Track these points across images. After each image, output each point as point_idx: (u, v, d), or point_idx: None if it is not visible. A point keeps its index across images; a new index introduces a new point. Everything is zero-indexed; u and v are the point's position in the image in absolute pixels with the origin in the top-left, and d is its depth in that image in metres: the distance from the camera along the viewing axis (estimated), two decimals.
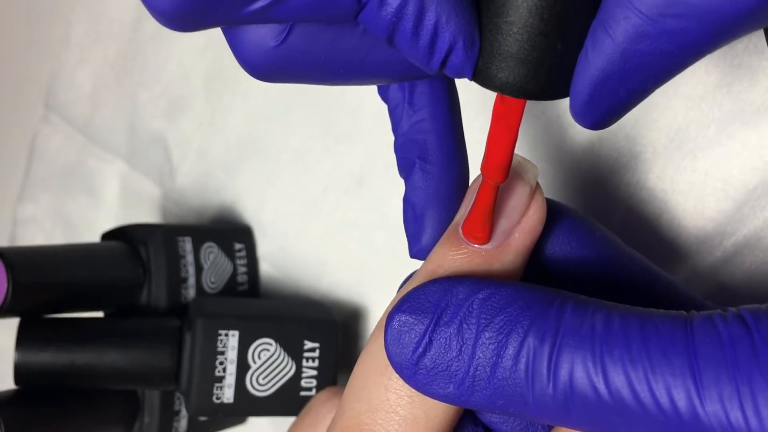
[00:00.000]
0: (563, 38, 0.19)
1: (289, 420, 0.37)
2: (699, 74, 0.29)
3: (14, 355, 0.34)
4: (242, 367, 0.35)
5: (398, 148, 0.25)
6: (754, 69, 0.28)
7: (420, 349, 0.20)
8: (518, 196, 0.22)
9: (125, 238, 0.39)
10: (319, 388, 0.36)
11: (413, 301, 0.21)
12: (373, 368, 0.22)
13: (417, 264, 0.38)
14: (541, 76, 0.19)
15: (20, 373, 0.34)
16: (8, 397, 0.35)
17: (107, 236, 0.40)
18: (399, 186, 0.38)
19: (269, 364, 0.36)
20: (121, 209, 0.50)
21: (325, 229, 0.40)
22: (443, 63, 0.20)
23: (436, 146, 0.25)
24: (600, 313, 0.19)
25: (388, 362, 0.22)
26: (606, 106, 0.19)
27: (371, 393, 0.22)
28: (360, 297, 0.39)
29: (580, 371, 0.19)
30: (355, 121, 0.39)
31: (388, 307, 0.23)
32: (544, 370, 0.19)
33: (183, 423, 0.39)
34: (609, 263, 0.23)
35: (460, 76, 0.20)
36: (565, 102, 0.32)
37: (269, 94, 0.42)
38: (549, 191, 0.32)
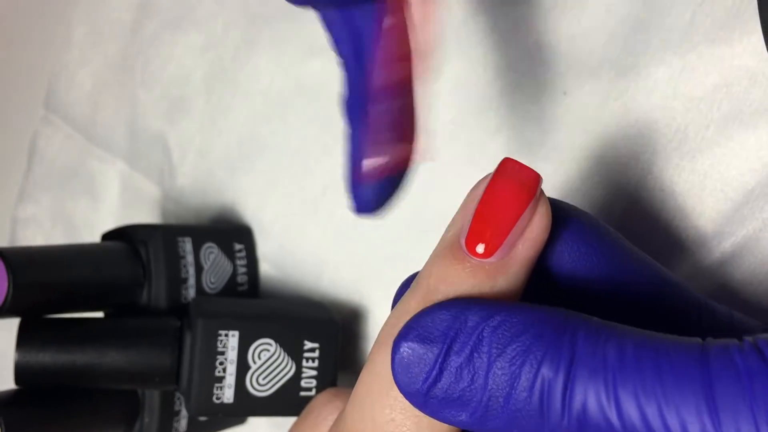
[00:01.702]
0: None
1: (289, 420, 0.38)
2: (698, 75, 0.29)
3: (15, 355, 0.34)
4: (242, 367, 0.35)
5: (345, 103, 0.26)
6: (753, 70, 0.28)
7: (430, 379, 0.20)
8: (520, 205, 0.21)
9: (125, 238, 0.39)
10: (319, 388, 0.36)
11: (421, 328, 0.20)
12: (377, 387, 0.21)
13: (416, 264, 0.38)
14: None
15: (21, 373, 0.34)
16: (9, 397, 0.35)
17: (107, 236, 0.40)
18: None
19: (269, 364, 0.36)
20: (121, 209, 0.50)
21: (325, 229, 0.40)
22: None
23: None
24: (612, 341, 0.19)
25: (393, 382, 0.21)
26: None
27: (375, 412, 0.21)
28: (360, 297, 0.39)
29: (593, 403, 0.18)
30: None
31: (388, 324, 0.22)
32: (558, 402, 0.19)
33: (183, 423, 0.39)
34: (617, 268, 0.22)
35: None
36: (565, 101, 0.32)
37: (269, 95, 0.42)
38: (549, 191, 0.32)
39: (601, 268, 0.22)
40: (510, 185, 0.21)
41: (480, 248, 0.21)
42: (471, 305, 0.20)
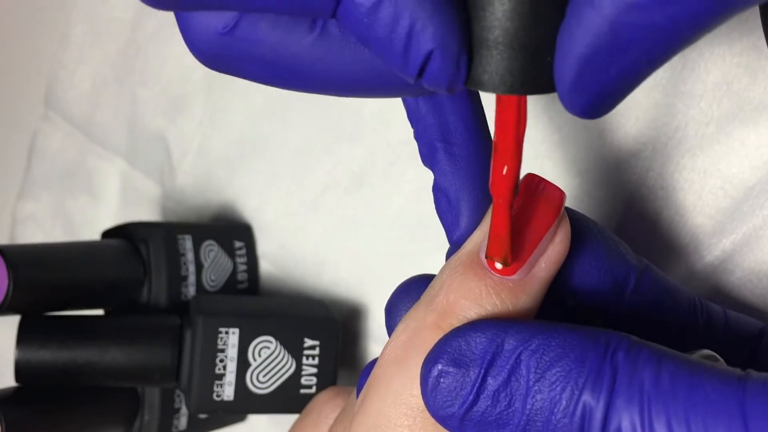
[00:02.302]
0: (551, 21, 0.17)
1: (289, 418, 0.38)
2: (698, 73, 0.29)
3: (15, 353, 0.34)
4: (242, 364, 0.35)
5: (419, 136, 0.24)
6: (753, 68, 0.28)
7: (467, 404, 0.19)
8: (544, 223, 0.21)
9: (126, 236, 0.39)
10: (319, 386, 0.36)
11: (455, 351, 0.20)
12: (400, 408, 0.21)
13: (416, 263, 0.38)
14: (539, 67, 0.18)
15: (21, 370, 0.34)
16: (9, 395, 0.35)
17: (107, 234, 0.40)
18: (399, 185, 0.38)
19: (269, 361, 0.36)
20: (121, 208, 0.50)
21: (325, 228, 0.40)
22: (421, 71, 0.18)
23: (460, 126, 0.23)
24: (650, 366, 0.18)
25: (418, 403, 0.20)
26: (595, 89, 0.17)
27: (380, 423, 0.21)
28: (360, 295, 0.39)
29: (628, 429, 0.18)
30: (355, 121, 0.39)
31: (400, 340, 0.21)
32: (598, 429, 0.18)
33: (183, 420, 0.39)
34: (614, 276, 0.22)
35: (443, 87, 0.19)
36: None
37: (269, 93, 0.42)
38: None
39: (607, 279, 0.22)
40: (535, 202, 0.21)
41: (502, 265, 0.20)
42: (507, 327, 0.20)
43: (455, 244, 0.23)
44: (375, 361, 0.23)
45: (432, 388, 0.20)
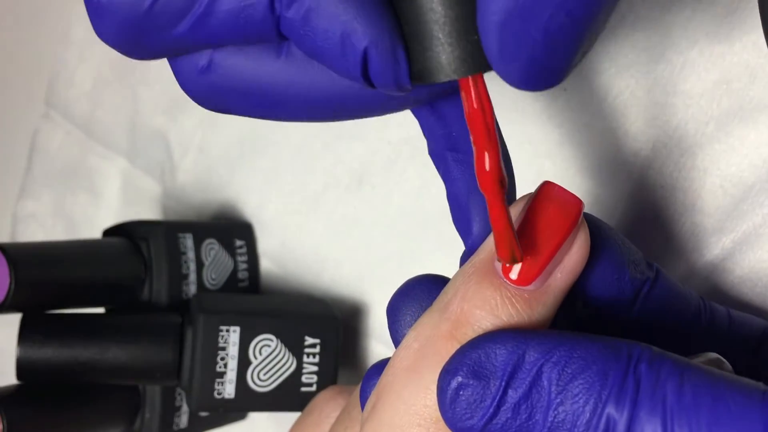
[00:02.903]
0: (463, 4, 0.18)
1: (290, 416, 0.38)
2: (698, 72, 0.29)
3: (16, 351, 0.34)
4: (243, 362, 0.35)
5: (431, 150, 0.24)
6: (752, 67, 0.28)
7: (487, 417, 0.19)
8: (561, 233, 0.21)
9: (126, 234, 0.39)
10: (320, 383, 0.36)
11: (474, 363, 0.19)
12: (412, 419, 0.20)
13: (416, 262, 0.38)
14: (471, 45, 0.18)
15: (22, 368, 0.34)
16: (10, 393, 0.35)
17: (108, 233, 0.40)
18: (400, 183, 0.38)
19: (270, 359, 0.36)
20: (121, 206, 0.50)
21: (326, 226, 0.40)
22: (364, 71, 0.19)
23: (464, 133, 0.23)
24: (672, 380, 0.18)
25: (430, 414, 0.20)
26: (524, 56, 0.17)
27: (393, 425, 0.20)
28: (360, 293, 0.39)
29: None
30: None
31: (411, 348, 0.21)
32: None
33: (184, 418, 0.39)
34: (619, 280, 0.22)
35: (392, 84, 0.19)
36: (566, 97, 0.32)
37: None
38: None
39: (624, 288, 0.22)
40: (553, 211, 0.21)
41: (517, 274, 0.20)
42: (528, 339, 0.19)
43: (470, 250, 0.23)
44: (380, 363, 0.23)
45: (451, 401, 0.19)
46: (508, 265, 0.20)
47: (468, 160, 0.23)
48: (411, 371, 0.21)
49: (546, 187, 0.21)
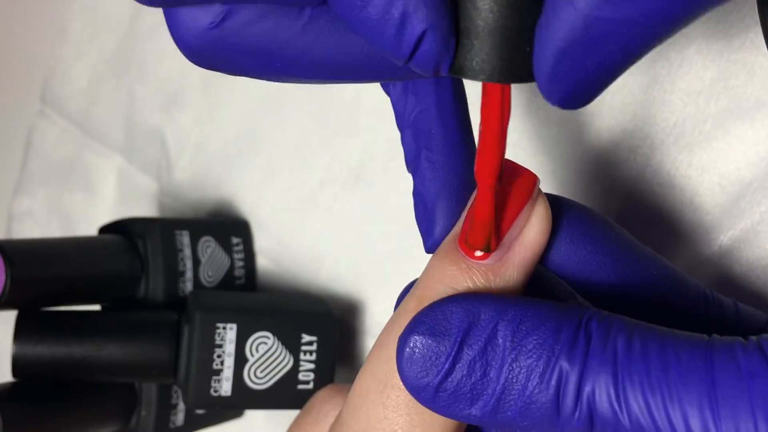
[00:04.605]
0: (532, 13, 0.18)
1: (286, 413, 0.38)
2: (696, 69, 0.29)
3: (12, 348, 0.34)
4: (240, 360, 0.35)
5: (405, 142, 0.24)
6: (750, 65, 0.28)
7: (442, 373, 0.20)
8: (517, 208, 0.21)
9: (123, 231, 0.39)
10: (317, 381, 0.36)
11: (431, 322, 0.20)
12: (373, 385, 0.22)
13: (414, 259, 0.38)
14: (519, 56, 0.18)
15: (18, 365, 0.34)
16: (6, 390, 0.35)
17: (104, 230, 0.40)
18: (397, 180, 0.38)
19: (267, 357, 0.36)
20: (117, 204, 0.50)
21: (323, 224, 0.40)
22: (413, 52, 0.19)
23: (442, 136, 0.24)
24: (622, 335, 0.19)
25: (387, 379, 0.21)
26: (572, 81, 0.18)
27: (369, 411, 0.21)
28: (357, 291, 0.39)
29: (602, 395, 0.19)
30: (353, 116, 0.39)
31: (387, 326, 0.22)
32: (572, 394, 0.19)
33: (180, 416, 0.39)
34: (622, 266, 0.22)
35: (431, 69, 0.19)
36: None
37: (267, 89, 0.42)
38: (547, 185, 0.32)
39: (606, 266, 0.22)
40: (509, 188, 0.21)
41: (475, 250, 0.21)
42: (483, 300, 0.20)
43: (429, 252, 0.24)
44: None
45: (407, 359, 0.20)
46: (480, 253, 0.21)
47: (441, 161, 0.24)
48: (378, 345, 0.22)
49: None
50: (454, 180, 0.24)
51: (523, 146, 0.33)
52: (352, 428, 0.22)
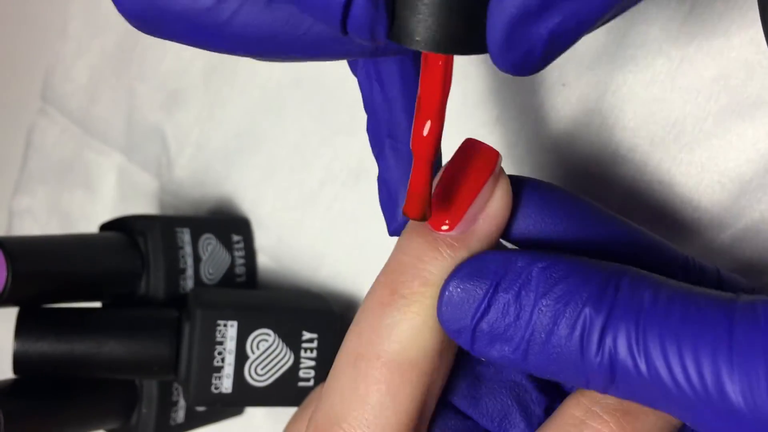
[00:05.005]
0: None
1: (286, 410, 0.38)
2: (696, 67, 0.29)
3: (13, 345, 0.34)
4: (241, 357, 0.35)
5: (370, 129, 0.25)
6: (750, 63, 0.28)
7: (478, 314, 0.21)
8: (480, 181, 0.22)
9: (124, 229, 0.39)
10: (317, 378, 0.36)
11: (470, 267, 0.21)
12: (345, 359, 0.22)
13: None
14: (462, 26, 0.18)
15: (19, 362, 0.34)
16: (7, 387, 0.35)
17: (105, 227, 0.40)
18: None
19: (268, 354, 0.36)
20: (118, 202, 0.50)
21: (323, 222, 0.40)
22: (345, 14, 0.18)
23: (407, 125, 0.25)
24: (650, 288, 0.20)
25: (358, 351, 0.22)
26: (525, 48, 0.18)
27: (343, 384, 0.22)
28: (358, 289, 0.40)
29: (623, 344, 0.19)
30: (353, 115, 0.39)
31: (362, 306, 0.23)
32: (595, 341, 0.20)
33: (181, 413, 0.39)
34: (587, 232, 0.23)
35: (367, 34, 0.19)
36: (564, 93, 0.32)
37: (267, 87, 0.42)
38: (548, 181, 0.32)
39: (571, 231, 0.23)
40: (469, 162, 0.22)
41: (441, 222, 0.22)
42: (521, 251, 0.21)
43: (392, 235, 0.25)
44: None
45: (446, 302, 0.21)
46: (446, 227, 0.22)
47: (405, 150, 0.25)
48: (353, 323, 0.23)
49: (465, 142, 0.23)
50: None
51: (522, 145, 0.33)
52: (328, 403, 0.22)
